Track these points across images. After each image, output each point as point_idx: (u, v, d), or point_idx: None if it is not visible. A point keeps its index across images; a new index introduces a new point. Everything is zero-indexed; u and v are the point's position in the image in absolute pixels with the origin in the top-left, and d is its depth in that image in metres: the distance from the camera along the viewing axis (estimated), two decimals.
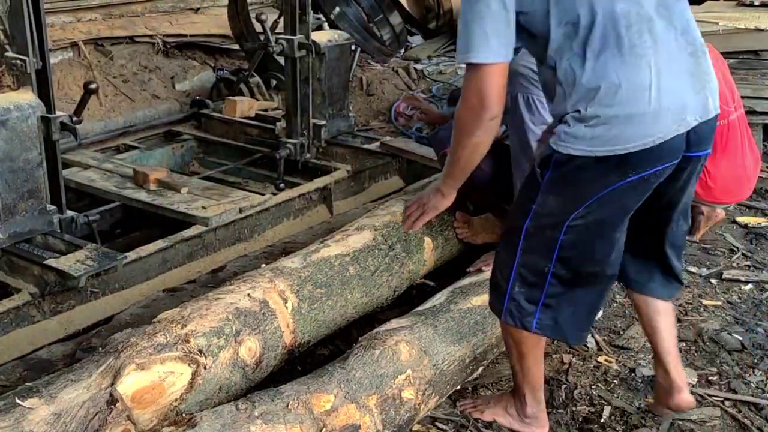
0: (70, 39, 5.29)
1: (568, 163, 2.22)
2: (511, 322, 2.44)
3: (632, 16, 2.17)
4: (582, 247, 2.33)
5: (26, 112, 3.28)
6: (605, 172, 2.21)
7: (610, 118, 2.15)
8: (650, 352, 3.07)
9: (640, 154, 2.18)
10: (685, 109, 2.21)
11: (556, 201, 2.28)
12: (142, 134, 4.99)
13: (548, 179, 2.26)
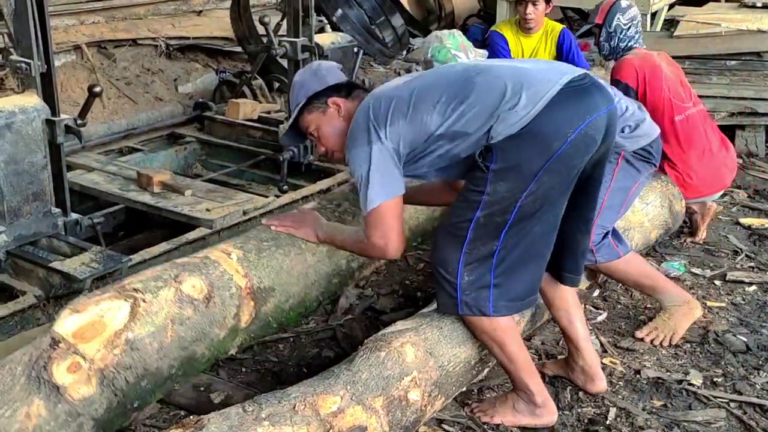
0: (73, 42, 5.30)
1: (510, 145, 2.38)
2: (469, 312, 2.55)
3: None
4: (532, 218, 2.46)
5: (31, 115, 3.29)
6: (546, 141, 2.37)
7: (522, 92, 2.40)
8: (655, 354, 3.09)
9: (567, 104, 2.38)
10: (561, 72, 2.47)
11: (506, 185, 2.41)
12: (145, 137, 5.00)
13: (494, 168, 2.41)
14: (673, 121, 3.80)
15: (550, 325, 3.23)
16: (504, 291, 2.52)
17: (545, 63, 2.67)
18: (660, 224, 3.77)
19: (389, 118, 2.52)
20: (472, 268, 2.50)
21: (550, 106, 2.39)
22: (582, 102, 2.43)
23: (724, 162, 3.95)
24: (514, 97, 2.41)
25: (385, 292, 3.45)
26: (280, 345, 3.06)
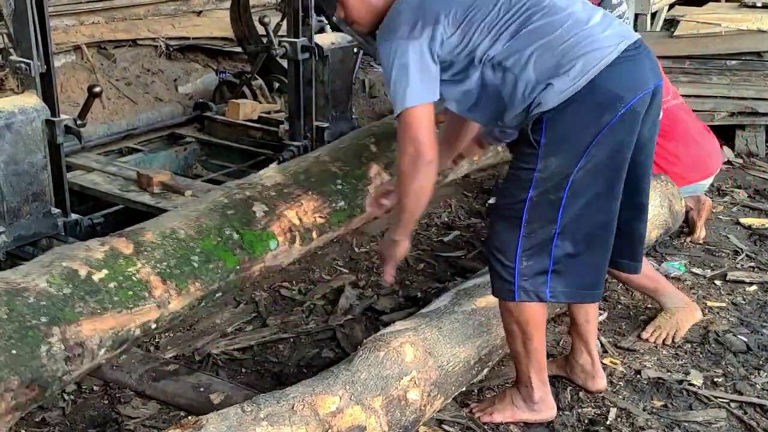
0: (73, 42, 5.29)
1: (560, 115, 2.30)
2: (527, 299, 2.46)
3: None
4: (586, 198, 2.38)
5: (31, 116, 3.29)
6: (597, 112, 2.30)
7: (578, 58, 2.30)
8: (656, 354, 3.09)
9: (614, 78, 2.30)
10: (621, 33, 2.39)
11: (558, 159, 2.34)
12: (145, 137, 4.98)
13: (545, 142, 2.33)
14: None
15: (549, 325, 3.22)
16: (563, 278, 2.45)
17: (606, 18, 2.43)
18: (660, 224, 3.76)
19: (447, 17, 2.36)
20: (531, 253, 2.41)
21: (605, 73, 2.30)
22: (635, 74, 2.35)
23: (708, 149, 3.99)
24: (570, 61, 2.30)
25: (385, 293, 3.44)
26: (279, 345, 3.06)
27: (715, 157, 4.06)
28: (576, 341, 2.83)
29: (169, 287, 2.77)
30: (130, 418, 2.63)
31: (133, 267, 2.74)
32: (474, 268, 3.62)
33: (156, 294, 2.73)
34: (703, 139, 3.99)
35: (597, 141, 2.32)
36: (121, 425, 2.59)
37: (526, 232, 2.40)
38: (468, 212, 4.28)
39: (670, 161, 3.89)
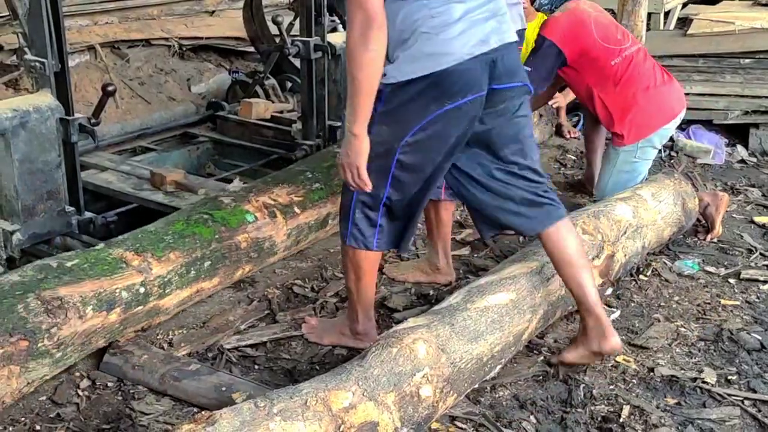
0: (86, 42, 5.33)
1: (395, 93, 2.56)
2: (355, 245, 2.81)
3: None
4: (412, 175, 2.68)
5: (45, 114, 3.31)
6: (426, 101, 2.56)
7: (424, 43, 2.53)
8: (669, 352, 3.08)
9: (450, 78, 2.52)
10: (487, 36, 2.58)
11: (388, 130, 2.61)
12: (158, 136, 5.01)
13: (380, 111, 2.58)
14: (607, 66, 3.92)
15: (562, 323, 3.22)
16: (386, 234, 2.81)
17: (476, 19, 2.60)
18: (673, 222, 3.76)
19: None
20: (363, 207, 2.75)
21: (449, 70, 2.52)
22: (473, 76, 2.57)
23: (669, 93, 4.02)
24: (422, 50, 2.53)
25: (397, 290, 3.44)
26: (292, 342, 3.06)
27: (676, 99, 4.06)
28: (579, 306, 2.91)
29: (146, 257, 2.98)
30: (143, 414, 2.64)
31: (105, 253, 2.94)
32: (486, 266, 3.62)
33: (134, 264, 2.93)
34: (663, 84, 4.01)
35: (422, 126, 2.59)
36: (135, 421, 2.60)
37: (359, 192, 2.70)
38: None
39: (629, 107, 3.92)
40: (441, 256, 3.49)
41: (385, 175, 2.68)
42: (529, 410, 2.74)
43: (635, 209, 3.54)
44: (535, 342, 3.07)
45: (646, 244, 3.56)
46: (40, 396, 2.69)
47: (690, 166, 4.91)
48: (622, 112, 3.93)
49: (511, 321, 2.82)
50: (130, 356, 2.83)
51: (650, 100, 3.94)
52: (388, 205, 2.76)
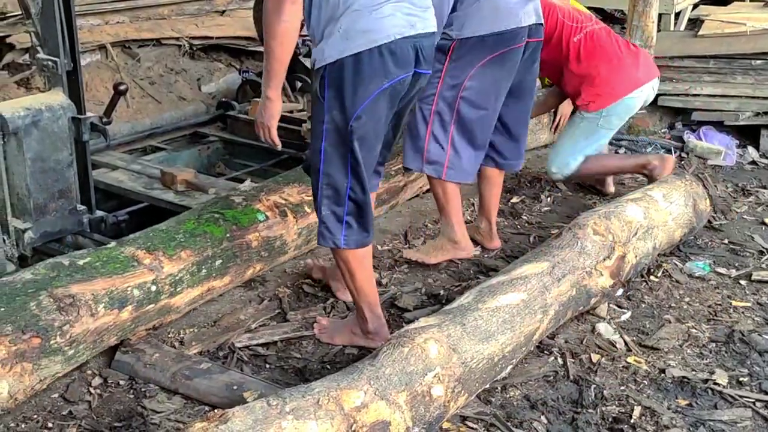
0: (97, 41, 5.34)
1: (336, 74, 2.61)
2: (324, 243, 2.85)
3: None
4: (363, 151, 2.72)
5: (57, 113, 3.33)
6: (367, 79, 2.62)
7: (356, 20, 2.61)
8: (680, 353, 3.08)
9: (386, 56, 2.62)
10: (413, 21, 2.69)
11: (339, 114, 2.66)
12: (168, 136, 5.02)
13: (328, 96, 2.65)
14: (570, 43, 4.06)
15: (573, 323, 3.21)
16: (354, 229, 2.82)
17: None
18: (684, 223, 3.75)
19: None
20: (329, 202, 2.78)
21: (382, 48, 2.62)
22: (405, 57, 2.68)
23: (633, 64, 4.11)
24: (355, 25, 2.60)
25: (408, 290, 3.44)
26: (303, 342, 3.07)
27: (642, 69, 4.14)
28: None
29: (157, 256, 3.00)
30: (155, 412, 2.64)
31: (117, 251, 2.95)
32: (496, 266, 3.62)
33: (145, 262, 2.94)
34: (627, 53, 4.11)
35: (366, 106, 2.66)
36: (147, 419, 2.61)
37: (324, 181, 2.75)
38: (538, 212, 4.26)
39: (593, 80, 4.04)
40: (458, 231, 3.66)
41: (345, 165, 2.73)
42: (540, 410, 2.73)
43: (646, 210, 3.54)
44: (546, 342, 3.06)
45: (657, 245, 3.55)
46: (53, 393, 2.70)
47: (701, 167, 4.90)
48: (587, 83, 4.05)
49: (522, 321, 2.82)
50: (141, 354, 2.84)
51: (613, 70, 4.05)
52: (353, 199, 2.78)
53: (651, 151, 5.12)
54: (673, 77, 5.53)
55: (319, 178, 2.76)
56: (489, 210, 3.77)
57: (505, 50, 3.38)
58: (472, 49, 3.37)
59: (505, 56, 3.39)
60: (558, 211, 4.31)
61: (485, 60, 3.37)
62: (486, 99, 3.45)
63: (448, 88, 3.42)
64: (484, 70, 3.39)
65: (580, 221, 3.33)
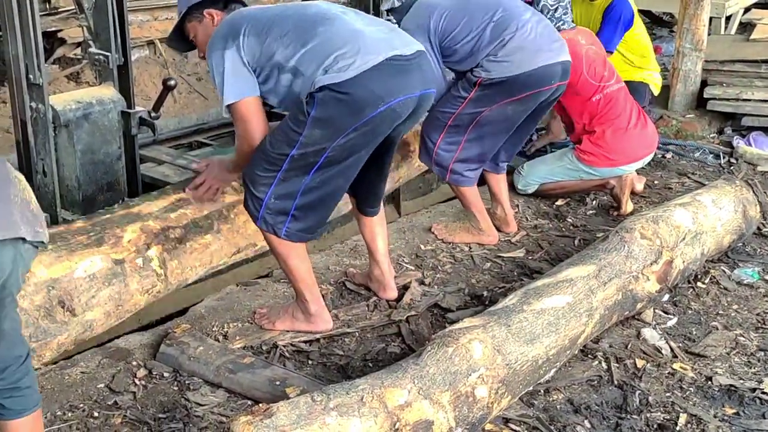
0: (146, 37, 5.40)
1: (330, 99, 2.70)
2: (264, 228, 2.90)
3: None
4: (337, 167, 2.82)
5: (108, 107, 3.36)
6: (360, 104, 2.71)
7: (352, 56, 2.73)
8: (728, 360, 3.03)
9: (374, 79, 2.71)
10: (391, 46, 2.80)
11: (321, 132, 2.74)
12: (214, 132, 5.03)
13: (314, 116, 2.73)
14: (588, 101, 4.13)
15: (618, 328, 3.18)
16: (299, 223, 2.88)
17: (385, 32, 2.89)
18: (733, 229, 3.69)
19: (245, 32, 2.83)
20: (280, 195, 2.83)
21: (369, 74, 2.71)
22: (399, 79, 2.77)
23: (639, 138, 4.21)
24: (344, 57, 2.72)
25: (451, 290, 3.43)
26: (345, 339, 3.07)
27: (643, 146, 4.25)
28: (370, 256, 3.32)
29: None
30: (198, 405, 2.67)
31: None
32: (540, 268, 3.59)
33: None
34: (635, 127, 4.20)
35: (356, 128, 2.74)
36: (190, 411, 2.63)
37: (281, 177, 2.81)
38: (535, 213, 4.24)
39: (597, 140, 4.15)
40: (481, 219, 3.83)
41: (309, 171, 2.81)
42: (583, 415, 2.71)
43: (695, 215, 3.48)
44: (591, 346, 3.03)
45: (705, 251, 3.50)
46: (99, 383, 2.74)
47: (750, 173, 4.81)
48: (590, 139, 4.17)
49: (567, 324, 2.80)
50: (186, 347, 2.86)
51: (617, 140, 4.16)
52: (306, 196, 2.85)
53: (699, 156, 5.04)
54: (724, 81, 5.45)
55: (279, 171, 2.81)
56: (500, 198, 3.95)
57: (531, 93, 3.55)
58: (499, 89, 3.52)
59: (529, 98, 3.58)
60: (603, 214, 4.26)
61: (510, 100, 3.55)
62: (501, 127, 3.66)
63: (468, 113, 3.59)
64: (506, 106, 3.57)
65: (627, 225, 3.30)
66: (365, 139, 2.82)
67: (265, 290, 3.33)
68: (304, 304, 3.03)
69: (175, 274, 2.95)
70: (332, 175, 2.84)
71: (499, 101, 3.54)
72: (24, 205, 1.97)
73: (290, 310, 3.08)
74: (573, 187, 4.33)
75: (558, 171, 4.27)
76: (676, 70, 5.52)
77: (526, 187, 4.32)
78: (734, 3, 6.64)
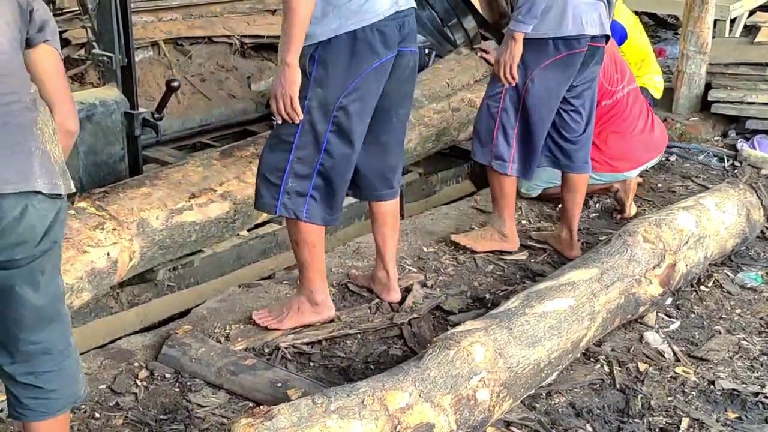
0: (150, 38, 5.39)
1: (327, 53, 2.69)
2: (285, 213, 2.87)
3: None
4: (347, 138, 2.81)
5: (111, 108, 3.37)
6: (357, 58, 2.70)
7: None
8: (730, 365, 3.02)
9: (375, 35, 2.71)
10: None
11: (323, 91, 2.73)
12: (218, 133, 5.05)
13: (314, 76, 2.71)
14: (599, 105, 4.05)
15: (620, 331, 3.17)
16: (318, 204, 2.87)
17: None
18: (737, 233, 3.68)
19: None
20: (297, 175, 2.81)
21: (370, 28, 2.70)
22: (392, 36, 2.77)
23: (644, 143, 4.26)
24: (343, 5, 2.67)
25: (453, 293, 3.43)
26: (347, 341, 3.07)
27: (649, 150, 4.30)
28: (378, 257, 3.27)
29: None
30: (200, 406, 2.67)
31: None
32: (543, 271, 3.58)
33: None
34: (641, 133, 4.23)
35: (356, 85, 2.74)
36: (191, 413, 2.63)
37: (296, 156, 2.79)
38: (538, 215, 4.24)
39: (599, 146, 4.12)
40: (508, 225, 3.72)
41: (320, 141, 2.79)
42: (585, 418, 2.70)
43: (698, 219, 3.48)
44: (593, 350, 3.03)
45: (708, 254, 3.49)
46: (100, 384, 2.74)
47: (754, 176, 4.80)
48: (594, 145, 4.05)
49: (570, 327, 2.80)
50: (187, 349, 2.86)
51: (621, 146, 4.18)
52: (321, 173, 2.84)
53: (703, 159, 5.04)
54: (728, 84, 5.44)
55: (291, 149, 2.79)
56: (570, 218, 3.75)
57: (567, 53, 3.44)
58: (534, 50, 3.41)
59: (566, 60, 3.45)
60: (606, 217, 4.26)
61: (547, 62, 3.44)
62: (545, 102, 3.52)
63: (512, 87, 3.49)
64: (545, 74, 3.45)
65: (630, 228, 3.29)
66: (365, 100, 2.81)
67: (267, 292, 3.33)
68: (312, 293, 3.02)
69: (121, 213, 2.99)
70: (342, 147, 2.82)
71: (537, 66, 3.43)
72: (46, 157, 1.94)
73: (294, 306, 3.05)
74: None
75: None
76: (680, 73, 5.51)
77: (530, 191, 4.30)
78: (739, 6, 6.62)
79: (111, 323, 3.23)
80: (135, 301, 3.30)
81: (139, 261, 3.05)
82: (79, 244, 2.83)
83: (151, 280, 3.28)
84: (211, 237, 3.32)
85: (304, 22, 2.66)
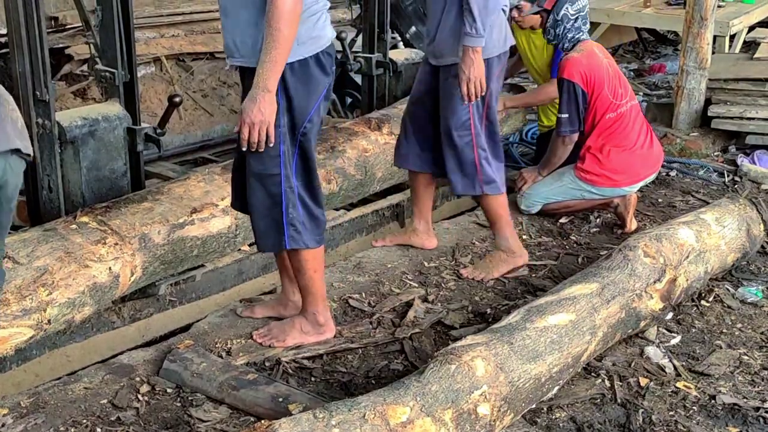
0: (153, 54, 5.43)
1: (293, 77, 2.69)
2: (296, 246, 2.87)
3: None
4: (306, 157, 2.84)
5: (113, 123, 3.39)
6: (315, 83, 2.75)
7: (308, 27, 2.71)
8: (731, 379, 3.02)
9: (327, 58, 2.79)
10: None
11: (291, 116, 2.74)
12: (219, 148, 5.08)
13: (283, 101, 2.70)
14: (603, 118, 4.14)
15: (621, 346, 3.17)
16: (311, 225, 2.88)
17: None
18: (737, 248, 3.69)
19: None
20: (293, 206, 2.82)
21: (325, 52, 2.78)
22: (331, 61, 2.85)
23: (644, 158, 4.25)
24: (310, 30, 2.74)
25: (454, 308, 3.43)
26: (348, 356, 3.07)
27: (647, 166, 4.29)
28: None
29: None
30: (201, 421, 2.67)
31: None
32: (543, 286, 3.59)
33: None
34: (641, 148, 4.24)
35: (316, 108, 2.79)
36: (193, 428, 2.63)
37: (287, 186, 2.79)
38: (539, 230, 4.24)
39: (600, 159, 4.17)
40: (512, 240, 3.74)
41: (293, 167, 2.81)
42: None
43: (698, 233, 3.49)
44: (594, 364, 3.03)
45: (708, 269, 3.50)
46: (102, 399, 2.74)
47: (754, 191, 4.82)
48: (593, 157, 4.18)
49: (570, 342, 2.80)
50: (189, 363, 2.86)
51: (622, 161, 4.18)
52: (300, 197, 2.84)
53: (703, 174, 5.05)
54: (728, 100, 5.46)
55: (281, 182, 2.78)
56: (425, 211, 3.86)
57: (501, 67, 3.59)
58: (487, 66, 3.45)
59: (502, 73, 3.62)
60: (607, 232, 4.26)
61: (496, 73, 3.55)
62: (495, 110, 3.65)
63: (475, 109, 3.49)
64: (495, 85, 3.56)
65: (630, 243, 3.30)
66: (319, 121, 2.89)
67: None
68: (314, 315, 3.04)
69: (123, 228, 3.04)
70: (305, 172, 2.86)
71: (490, 84, 3.49)
72: (14, 122, 2.17)
73: (297, 325, 3.06)
74: (576, 207, 4.33)
75: (559, 191, 4.26)
76: (680, 89, 5.53)
77: (529, 208, 4.31)
78: (738, 22, 6.65)
79: (112, 338, 3.23)
80: (137, 316, 3.31)
81: (141, 276, 3.07)
82: (81, 259, 2.85)
83: (153, 295, 3.29)
84: (212, 252, 3.34)
85: (288, 50, 2.61)
